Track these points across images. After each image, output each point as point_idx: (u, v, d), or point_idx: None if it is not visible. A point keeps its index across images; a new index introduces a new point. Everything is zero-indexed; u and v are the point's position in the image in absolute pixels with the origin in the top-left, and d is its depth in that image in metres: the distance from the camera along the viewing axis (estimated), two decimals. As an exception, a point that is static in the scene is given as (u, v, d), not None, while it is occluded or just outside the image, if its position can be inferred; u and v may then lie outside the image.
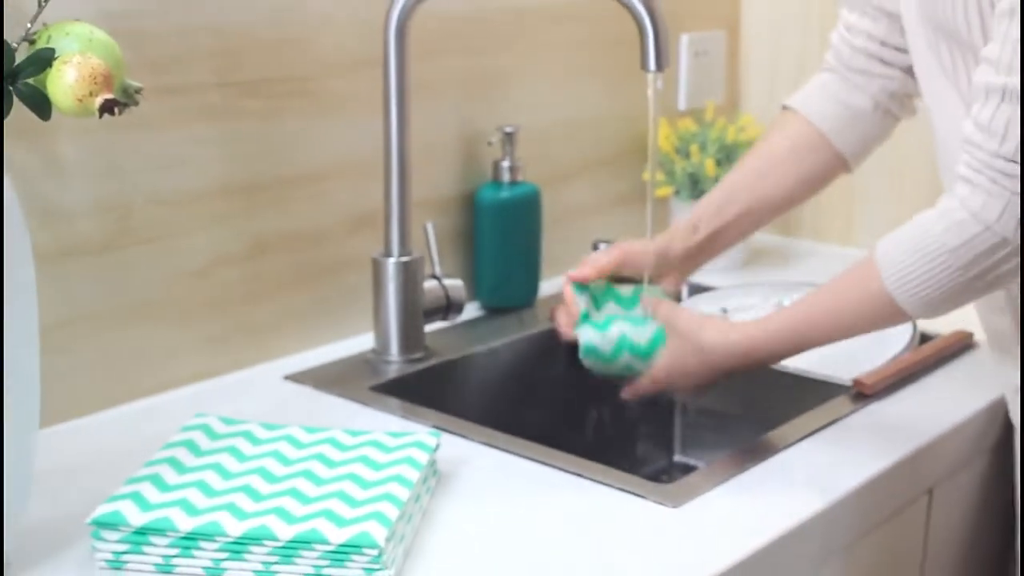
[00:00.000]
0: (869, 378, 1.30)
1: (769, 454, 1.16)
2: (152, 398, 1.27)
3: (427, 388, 1.36)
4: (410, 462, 1.04)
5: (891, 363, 1.34)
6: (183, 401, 1.27)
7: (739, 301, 1.58)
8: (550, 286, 1.64)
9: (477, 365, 1.45)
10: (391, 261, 1.36)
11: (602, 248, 1.63)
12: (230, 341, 1.34)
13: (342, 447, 1.08)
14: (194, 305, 1.30)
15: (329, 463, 1.05)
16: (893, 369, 1.33)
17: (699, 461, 1.56)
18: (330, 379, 1.33)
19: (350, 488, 0.99)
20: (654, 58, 1.19)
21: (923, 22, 1.13)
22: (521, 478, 1.12)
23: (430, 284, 1.41)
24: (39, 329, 0.93)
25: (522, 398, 1.48)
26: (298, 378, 1.34)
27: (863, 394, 1.30)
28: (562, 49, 1.68)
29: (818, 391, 1.33)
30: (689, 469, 1.54)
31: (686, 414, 1.58)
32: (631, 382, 1.29)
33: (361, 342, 1.43)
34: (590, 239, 1.64)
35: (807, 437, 1.20)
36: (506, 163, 1.55)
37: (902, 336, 1.38)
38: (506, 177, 1.55)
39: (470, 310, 1.56)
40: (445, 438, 1.15)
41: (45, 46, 0.89)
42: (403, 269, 1.36)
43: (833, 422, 1.24)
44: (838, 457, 1.16)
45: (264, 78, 1.32)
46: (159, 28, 1.22)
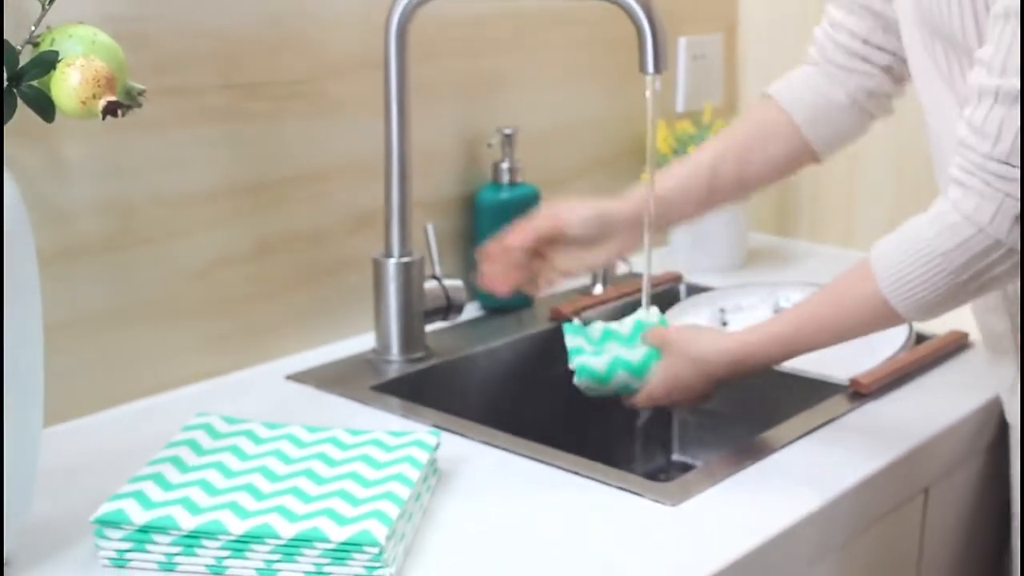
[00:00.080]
0: (866, 378, 1.31)
1: (766, 453, 1.16)
2: (154, 397, 1.28)
3: (427, 388, 1.36)
4: (411, 461, 1.04)
5: (887, 363, 1.34)
6: (185, 400, 1.27)
7: (737, 301, 1.58)
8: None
9: (477, 365, 1.45)
10: (392, 262, 1.36)
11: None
12: (232, 341, 1.34)
13: (343, 446, 1.08)
14: (196, 305, 1.30)
15: (330, 462, 1.05)
16: (889, 369, 1.33)
17: (697, 460, 1.56)
18: (331, 379, 1.33)
19: (351, 487, 0.99)
20: (652, 60, 1.19)
21: (919, 25, 1.13)
22: (521, 477, 1.12)
23: (430, 284, 1.42)
24: (42, 329, 0.93)
25: (522, 397, 1.48)
26: (299, 378, 1.34)
27: (860, 394, 1.30)
28: (561, 52, 1.68)
29: (815, 391, 1.33)
30: (687, 468, 1.54)
31: (684, 414, 1.58)
32: (628, 399, 1.28)
33: (362, 342, 1.43)
34: (589, 240, 1.64)
35: (804, 436, 1.20)
36: (506, 164, 1.55)
37: (898, 336, 1.38)
38: (506, 178, 1.55)
39: (470, 310, 1.55)
40: (445, 437, 1.16)
41: (49, 49, 0.90)
42: (404, 270, 1.36)
43: (830, 421, 1.24)
44: (835, 456, 1.16)
45: (265, 80, 1.33)
46: (162, 31, 1.22)
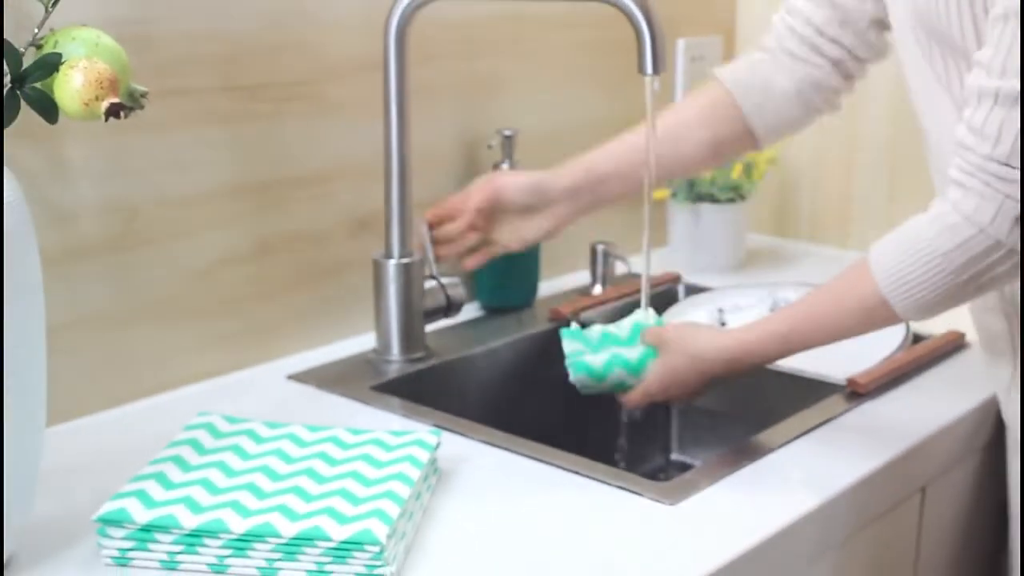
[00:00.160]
0: (863, 377, 1.31)
1: (764, 452, 1.17)
2: (156, 397, 1.28)
3: (428, 387, 1.36)
4: (411, 460, 1.04)
5: (885, 363, 1.35)
6: (187, 400, 1.27)
7: (735, 301, 1.58)
8: (549, 287, 1.65)
9: (477, 365, 1.45)
10: (392, 262, 1.36)
11: (600, 248, 1.64)
12: (233, 341, 1.34)
13: (344, 445, 1.08)
14: (198, 305, 1.31)
15: (331, 461, 1.05)
16: (887, 369, 1.34)
17: (695, 459, 1.57)
18: (332, 378, 1.34)
19: (352, 486, 1.00)
20: (651, 62, 1.20)
21: (916, 28, 1.13)
22: (520, 476, 1.12)
23: (429, 284, 1.42)
24: (45, 329, 0.93)
25: (521, 397, 1.48)
26: (301, 377, 1.34)
27: (857, 393, 1.30)
28: (560, 54, 1.68)
29: (813, 390, 1.33)
30: (686, 467, 1.54)
31: (683, 413, 1.58)
32: (624, 397, 1.29)
33: (362, 342, 1.43)
34: (588, 240, 1.64)
35: (802, 436, 1.20)
36: (505, 166, 1.55)
37: (895, 336, 1.39)
38: (505, 179, 1.56)
39: (470, 310, 1.56)
40: (445, 437, 1.16)
41: (52, 51, 0.90)
42: (404, 270, 1.37)
43: (827, 421, 1.24)
44: (832, 455, 1.17)
45: (266, 82, 1.33)
46: (164, 33, 1.23)
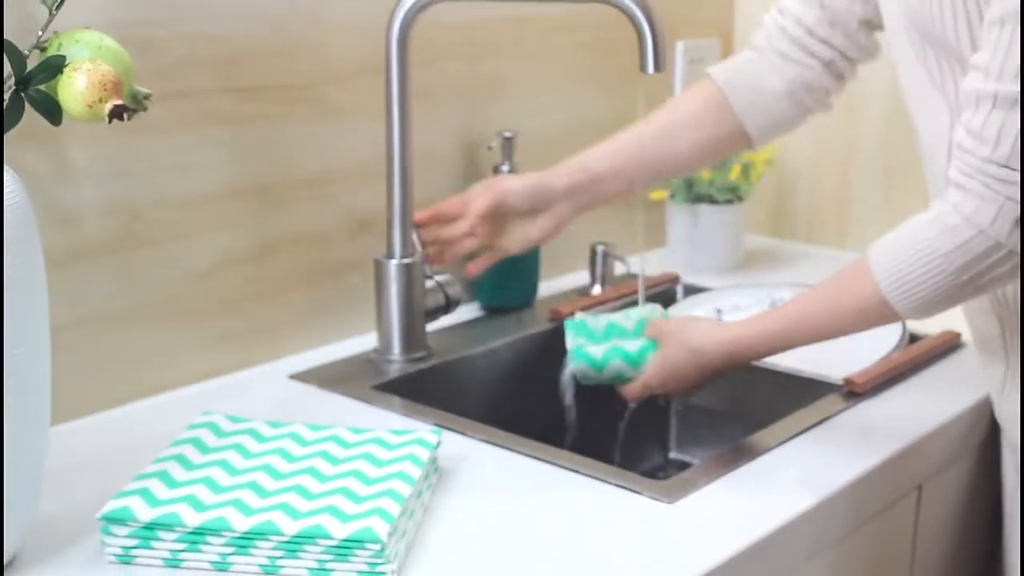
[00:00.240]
0: (860, 377, 1.31)
1: (762, 451, 1.17)
2: (159, 397, 1.28)
3: (428, 387, 1.37)
4: (412, 459, 1.05)
5: (881, 363, 1.35)
6: (189, 400, 1.27)
7: (733, 302, 1.58)
8: (549, 287, 1.66)
9: (477, 364, 1.45)
10: (393, 263, 1.37)
11: (599, 248, 1.65)
12: (236, 341, 1.35)
13: (345, 444, 1.08)
14: (200, 306, 1.31)
15: (333, 460, 1.05)
16: (883, 368, 1.34)
17: (694, 458, 1.57)
18: (334, 378, 1.34)
19: (353, 484, 1.00)
20: (652, 60, 1.20)
21: (909, 30, 1.13)
22: (520, 475, 1.12)
23: (428, 284, 1.41)
24: (49, 329, 0.94)
25: (521, 397, 1.48)
26: (302, 377, 1.34)
27: (854, 393, 1.30)
28: (560, 56, 1.69)
29: (810, 390, 1.33)
30: (684, 466, 1.55)
31: (681, 413, 1.59)
32: (623, 388, 1.30)
33: (364, 342, 1.44)
34: (587, 241, 1.65)
35: (799, 435, 1.21)
36: (505, 167, 1.56)
37: (892, 336, 1.39)
38: (505, 180, 1.57)
39: (470, 310, 1.57)
40: (446, 436, 1.17)
41: (56, 53, 0.91)
42: (405, 271, 1.37)
43: (824, 420, 1.24)
44: (829, 454, 1.17)
45: (269, 84, 1.33)
46: (167, 36, 1.23)
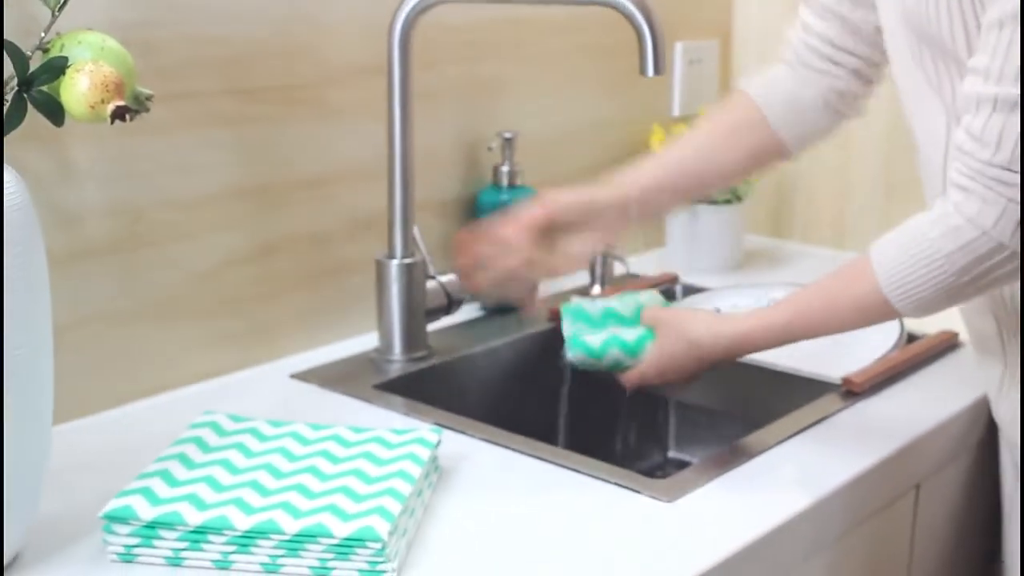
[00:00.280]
0: (858, 377, 1.32)
1: (760, 450, 1.17)
2: (160, 396, 1.28)
3: (429, 386, 1.37)
4: (412, 458, 1.05)
5: (879, 362, 1.35)
6: (191, 399, 1.28)
7: (732, 302, 1.58)
8: (549, 287, 1.67)
9: (478, 364, 1.46)
10: (394, 263, 1.37)
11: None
12: (237, 341, 1.35)
13: (346, 443, 1.09)
14: (202, 306, 1.31)
15: (333, 459, 1.05)
16: (881, 368, 1.34)
17: (692, 457, 1.57)
18: (335, 377, 1.34)
19: (354, 483, 1.00)
20: (652, 63, 1.21)
21: (906, 32, 1.13)
22: (520, 474, 1.13)
23: (428, 284, 1.42)
24: (52, 329, 0.94)
25: (521, 396, 1.48)
26: (304, 376, 1.35)
27: (852, 392, 1.30)
28: (561, 57, 1.69)
29: (808, 389, 1.33)
30: (683, 465, 1.54)
31: (680, 411, 1.59)
32: (620, 376, 1.29)
33: (365, 341, 1.44)
34: (588, 241, 1.66)
35: (798, 434, 1.21)
36: (505, 168, 1.56)
37: (890, 335, 1.39)
38: (505, 181, 1.57)
39: (471, 310, 1.57)
40: (446, 435, 1.17)
41: (58, 54, 0.91)
42: (406, 271, 1.37)
43: (823, 419, 1.25)
44: (828, 453, 1.17)
45: (271, 85, 1.34)
46: (169, 37, 1.23)
